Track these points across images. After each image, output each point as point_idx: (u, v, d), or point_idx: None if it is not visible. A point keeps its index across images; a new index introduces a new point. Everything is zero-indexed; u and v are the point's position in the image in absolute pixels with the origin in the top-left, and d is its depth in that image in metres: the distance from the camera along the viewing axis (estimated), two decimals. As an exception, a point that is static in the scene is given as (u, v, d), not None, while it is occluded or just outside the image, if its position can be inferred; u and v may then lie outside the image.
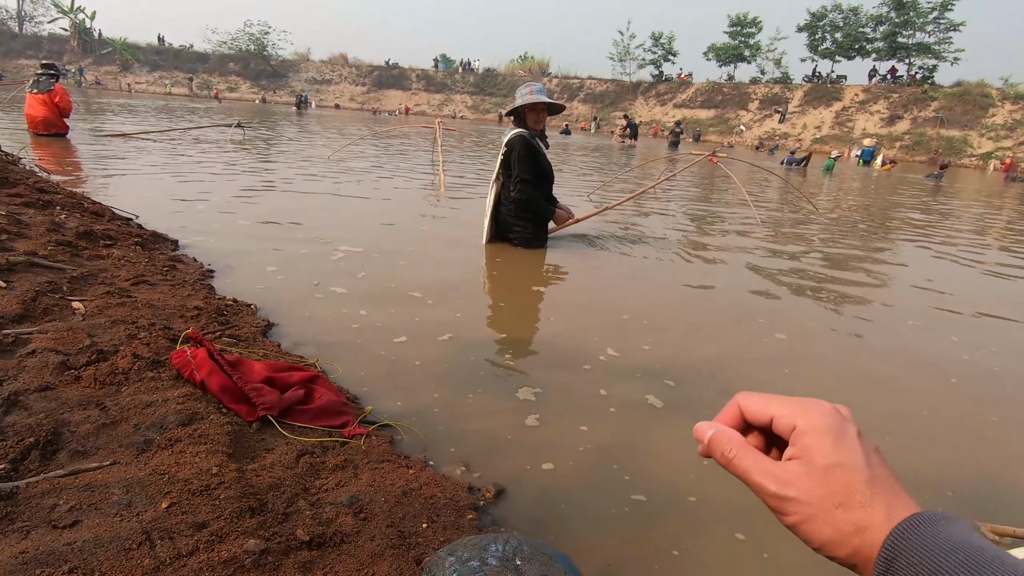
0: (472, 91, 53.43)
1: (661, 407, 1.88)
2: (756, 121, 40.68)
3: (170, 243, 3.21)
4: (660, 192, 7.68)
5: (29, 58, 44.97)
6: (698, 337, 2.56)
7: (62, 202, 3.29)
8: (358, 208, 4.94)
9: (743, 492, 0.40)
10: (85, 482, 1.09)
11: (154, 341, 1.69)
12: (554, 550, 1.02)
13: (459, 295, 2.84)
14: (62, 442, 1.20)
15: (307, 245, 3.48)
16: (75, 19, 50.92)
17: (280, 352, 1.95)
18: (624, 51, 50.61)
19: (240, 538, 1.00)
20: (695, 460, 1.59)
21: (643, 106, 46.35)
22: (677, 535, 1.32)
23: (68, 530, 0.96)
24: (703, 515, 1.39)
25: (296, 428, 1.44)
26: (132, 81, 49.27)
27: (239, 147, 9.17)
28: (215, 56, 54.79)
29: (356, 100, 52.44)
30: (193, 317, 2.03)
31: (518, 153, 3.78)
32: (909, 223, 7.05)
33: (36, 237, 2.52)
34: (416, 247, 3.71)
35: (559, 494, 1.41)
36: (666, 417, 1.83)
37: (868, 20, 40.84)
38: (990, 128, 32.20)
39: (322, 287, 2.74)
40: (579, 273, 3.49)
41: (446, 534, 1.16)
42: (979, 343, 2.79)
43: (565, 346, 2.33)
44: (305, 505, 1.15)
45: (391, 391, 1.83)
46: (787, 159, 18.32)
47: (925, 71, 39.06)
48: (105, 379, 1.45)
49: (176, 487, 1.09)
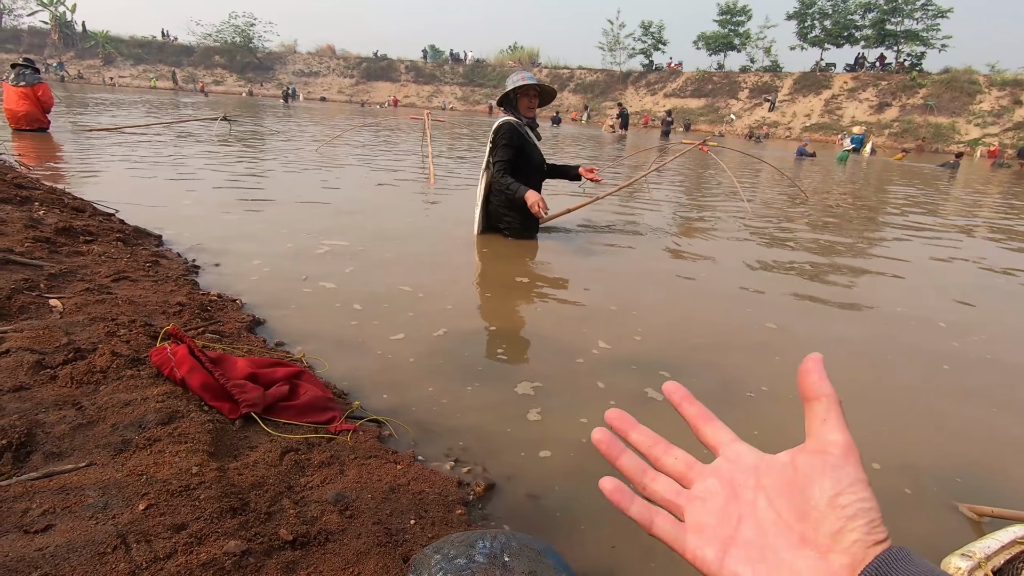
0: (462, 82, 53.07)
1: (661, 400, 1.86)
2: (746, 110, 40.73)
3: (153, 238, 3.15)
4: (651, 182, 7.66)
5: (9, 52, 44.00)
6: (688, 327, 2.55)
7: (41, 198, 3.22)
8: (346, 201, 4.88)
9: None
10: (59, 484, 1.06)
11: (134, 338, 1.65)
12: (544, 544, 1.00)
13: (449, 288, 2.81)
14: (36, 444, 1.16)
15: (294, 239, 3.42)
16: (55, 12, 49.91)
17: (265, 348, 1.91)
18: (614, 40, 50.37)
19: (220, 539, 0.97)
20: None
21: (633, 96, 46.23)
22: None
23: (40, 535, 0.93)
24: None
25: (281, 425, 1.41)
26: (116, 75, 48.48)
27: (225, 141, 9.04)
28: (200, 49, 53.99)
29: (344, 92, 51.93)
30: (175, 313, 1.99)
31: (500, 136, 3.73)
32: (946, 222, 7.08)
33: (13, 234, 2.46)
34: (406, 239, 3.67)
35: (551, 488, 1.40)
36: (666, 409, 1.81)
37: (857, 7, 40.89)
38: (977, 115, 32.43)
39: (310, 281, 2.70)
40: (569, 264, 3.46)
41: (434, 530, 1.13)
42: (968, 332, 2.80)
43: (555, 338, 2.31)
44: (289, 504, 1.12)
45: (379, 386, 1.80)
46: (799, 150, 18.06)
47: (913, 58, 39.24)
48: (82, 378, 1.41)
49: (154, 488, 1.06)
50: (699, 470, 0.41)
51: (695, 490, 0.40)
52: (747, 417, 1.79)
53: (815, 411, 0.36)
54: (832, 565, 0.33)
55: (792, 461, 0.36)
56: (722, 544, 0.37)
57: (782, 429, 1.73)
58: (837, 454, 0.34)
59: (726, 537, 0.37)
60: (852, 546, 0.32)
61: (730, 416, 1.80)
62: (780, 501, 0.36)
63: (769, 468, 0.37)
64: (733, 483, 0.39)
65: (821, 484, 0.34)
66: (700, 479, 0.40)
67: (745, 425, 1.74)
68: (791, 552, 0.34)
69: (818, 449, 0.35)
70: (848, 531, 0.32)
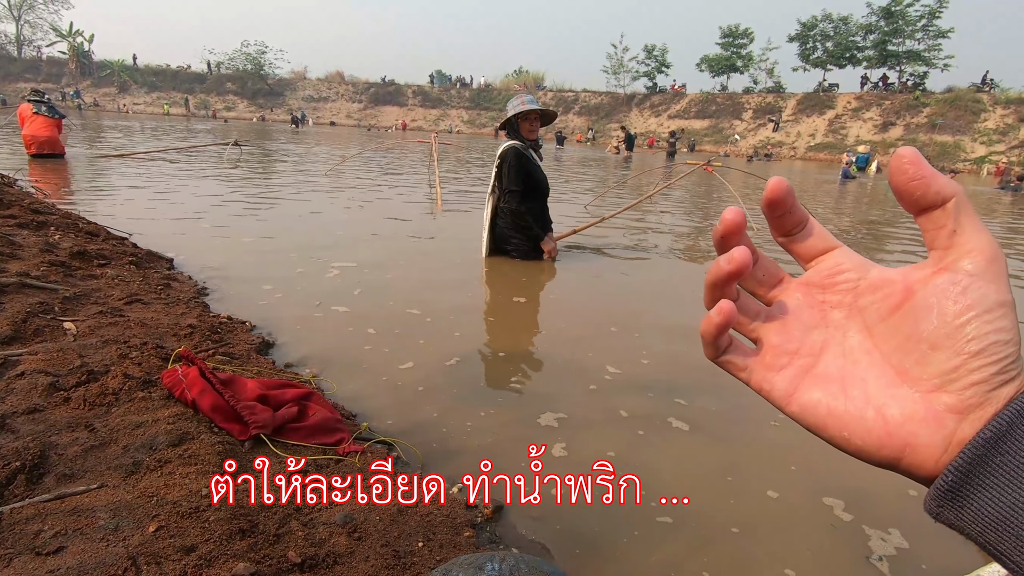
0: (468, 106, 53.89)
1: (687, 429, 1.85)
2: (750, 130, 41.00)
3: (165, 261, 3.20)
4: (657, 202, 7.70)
5: (28, 81, 45.29)
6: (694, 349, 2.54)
7: (57, 222, 3.28)
8: (355, 224, 4.94)
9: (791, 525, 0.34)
10: (71, 506, 1.06)
11: (146, 360, 1.67)
12: (553, 567, 0.99)
13: (457, 312, 2.82)
14: (49, 465, 1.18)
15: (303, 262, 3.46)
16: (73, 42, 51.42)
17: (274, 369, 1.93)
18: (618, 64, 51.14)
19: (230, 561, 0.97)
20: (703, 474, 1.57)
21: (638, 117, 46.72)
22: (711, 564, 1.29)
23: (52, 557, 0.94)
24: (745, 547, 1.36)
25: (290, 446, 1.42)
26: (130, 102, 49.63)
27: (236, 165, 9.20)
28: (212, 76, 55.28)
29: (353, 117, 52.84)
30: (186, 335, 2.01)
31: (509, 164, 3.79)
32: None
33: (29, 258, 2.51)
34: (414, 263, 3.70)
35: (561, 511, 1.39)
36: (682, 436, 1.80)
37: (858, 29, 41.38)
38: (982, 133, 32.46)
39: (319, 305, 2.72)
40: (574, 285, 3.48)
41: (442, 553, 1.13)
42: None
43: (562, 361, 2.31)
44: (297, 526, 1.12)
45: (387, 408, 1.80)
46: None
47: (916, 78, 39.49)
48: (95, 400, 1.43)
49: (164, 510, 1.07)
50: (785, 284, 0.33)
51: (775, 308, 0.32)
52: (770, 444, 1.78)
53: (936, 221, 0.26)
54: (934, 407, 0.25)
55: (904, 279, 0.28)
56: (797, 376, 0.30)
57: (809, 459, 1.71)
58: (970, 270, 0.25)
59: (803, 367, 0.30)
60: (969, 389, 0.25)
61: (749, 441, 1.79)
62: (880, 328, 0.28)
63: (872, 286, 0.29)
64: (823, 302, 0.31)
65: (942, 307, 0.25)
66: (784, 294, 0.32)
67: (768, 453, 1.72)
68: (882, 390, 0.27)
69: (945, 266, 0.26)
70: (970, 369, 0.25)
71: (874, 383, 0.27)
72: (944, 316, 0.25)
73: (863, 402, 0.27)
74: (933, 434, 0.25)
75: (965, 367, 0.25)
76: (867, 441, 0.27)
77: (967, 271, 0.26)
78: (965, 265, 0.26)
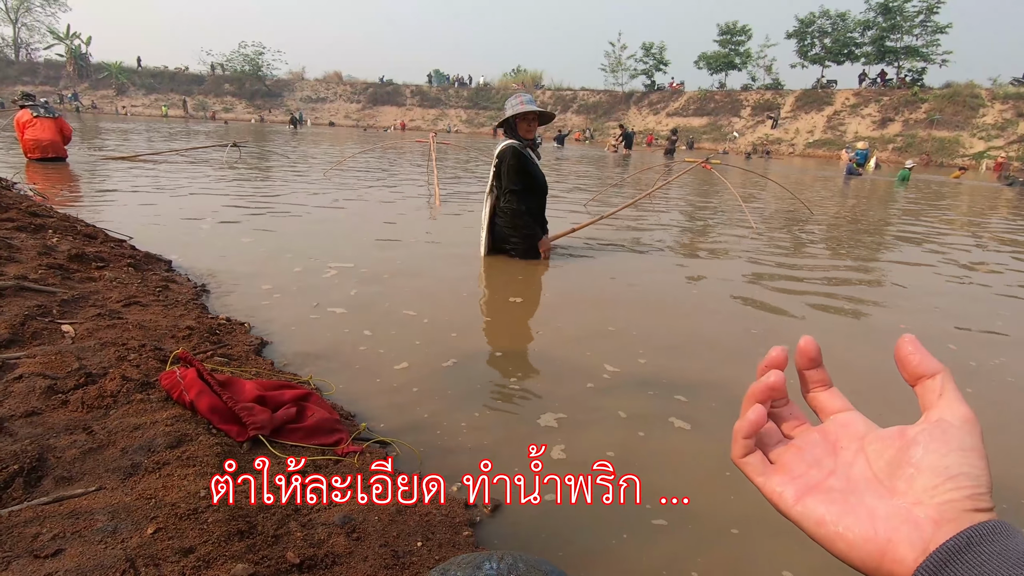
0: (466, 105, 53.86)
1: (688, 428, 1.85)
2: (749, 127, 40.99)
3: (163, 263, 3.19)
4: (655, 200, 7.70)
5: (25, 84, 45.38)
6: (691, 347, 2.54)
7: (55, 225, 3.28)
8: (353, 224, 4.94)
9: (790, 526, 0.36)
10: (69, 509, 1.06)
11: (144, 362, 1.67)
12: (552, 566, 0.99)
13: (455, 310, 2.82)
14: (47, 468, 1.18)
15: (301, 263, 3.46)
16: (71, 45, 51.36)
17: (273, 370, 1.93)
18: (616, 62, 51.13)
19: (228, 562, 0.97)
20: (713, 475, 1.56)
21: (636, 115, 46.69)
22: (711, 565, 1.29)
23: (50, 559, 0.94)
24: (743, 546, 1.36)
25: (288, 447, 1.42)
26: (128, 104, 49.59)
27: (234, 167, 9.20)
28: (210, 77, 55.22)
29: (351, 117, 52.81)
30: (185, 337, 2.01)
31: (507, 164, 3.79)
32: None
33: (27, 261, 2.51)
34: (412, 262, 3.69)
35: (560, 510, 1.38)
36: (683, 435, 1.80)
37: (856, 25, 41.35)
38: (981, 128, 32.47)
39: (317, 306, 2.72)
40: (571, 284, 3.48)
41: (441, 552, 1.13)
42: (983, 352, 2.77)
43: (560, 360, 2.31)
44: (296, 526, 1.12)
45: (386, 408, 1.80)
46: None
47: (914, 74, 39.48)
48: (93, 402, 1.43)
49: (163, 511, 1.07)
50: (805, 427, 0.41)
51: (796, 439, 0.40)
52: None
53: (928, 388, 0.35)
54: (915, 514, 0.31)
55: (902, 431, 0.35)
56: (805, 488, 0.36)
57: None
58: (952, 422, 0.33)
59: (812, 484, 0.36)
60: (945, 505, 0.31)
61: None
62: (879, 462, 0.35)
63: (877, 438, 0.36)
64: (836, 443, 0.38)
65: (928, 444, 0.33)
66: (804, 434, 0.40)
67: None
68: (875, 499, 0.33)
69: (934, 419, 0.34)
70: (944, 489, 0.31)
71: (869, 495, 0.34)
72: (929, 449, 0.32)
73: (857, 505, 0.34)
74: (912, 533, 0.31)
75: (942, 487, 0.31)
76: (856, 535, 0.33)
77: (950, 422, 0.33)
78: (949, 418, 0.33)
